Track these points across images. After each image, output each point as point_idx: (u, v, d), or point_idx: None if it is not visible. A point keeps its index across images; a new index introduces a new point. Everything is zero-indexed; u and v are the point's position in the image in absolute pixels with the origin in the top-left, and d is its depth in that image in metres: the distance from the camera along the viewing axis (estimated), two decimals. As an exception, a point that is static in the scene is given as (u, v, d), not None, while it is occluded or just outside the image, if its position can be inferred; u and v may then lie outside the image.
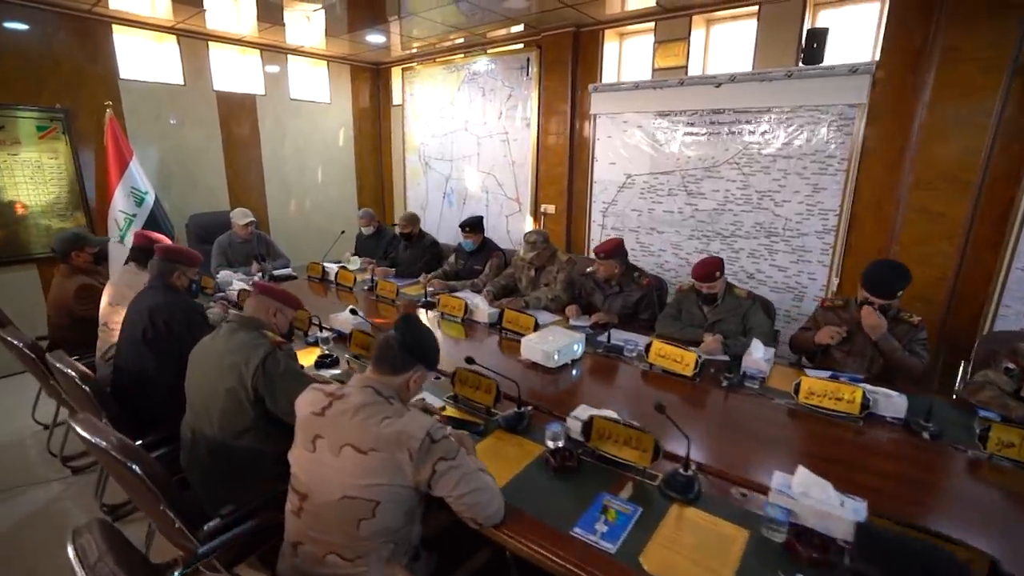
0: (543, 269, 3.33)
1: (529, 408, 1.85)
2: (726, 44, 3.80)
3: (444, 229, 5.46)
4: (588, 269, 3.25)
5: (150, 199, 4.08)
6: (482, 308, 2.89)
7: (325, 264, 3.87)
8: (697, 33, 3.78)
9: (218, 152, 4.72)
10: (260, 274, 3.76)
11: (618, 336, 2.58)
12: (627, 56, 4.29)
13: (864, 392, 1.84)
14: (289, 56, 5.07)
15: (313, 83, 5.41)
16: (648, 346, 2.32)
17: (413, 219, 4.03)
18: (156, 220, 4.09)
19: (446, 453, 1.23)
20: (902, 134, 3.03)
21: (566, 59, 4.25)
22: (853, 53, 3.29)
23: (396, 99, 5.81)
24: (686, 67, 3.81)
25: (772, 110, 3.42)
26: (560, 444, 1.64)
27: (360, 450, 1.21)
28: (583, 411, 1.75)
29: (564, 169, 4.47)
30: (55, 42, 3.75)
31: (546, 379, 2.22)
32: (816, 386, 1.93)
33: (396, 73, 5.75)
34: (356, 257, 4.29)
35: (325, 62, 5.37)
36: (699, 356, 2.20)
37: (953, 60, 2.75)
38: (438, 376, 2.16)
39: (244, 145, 4.89)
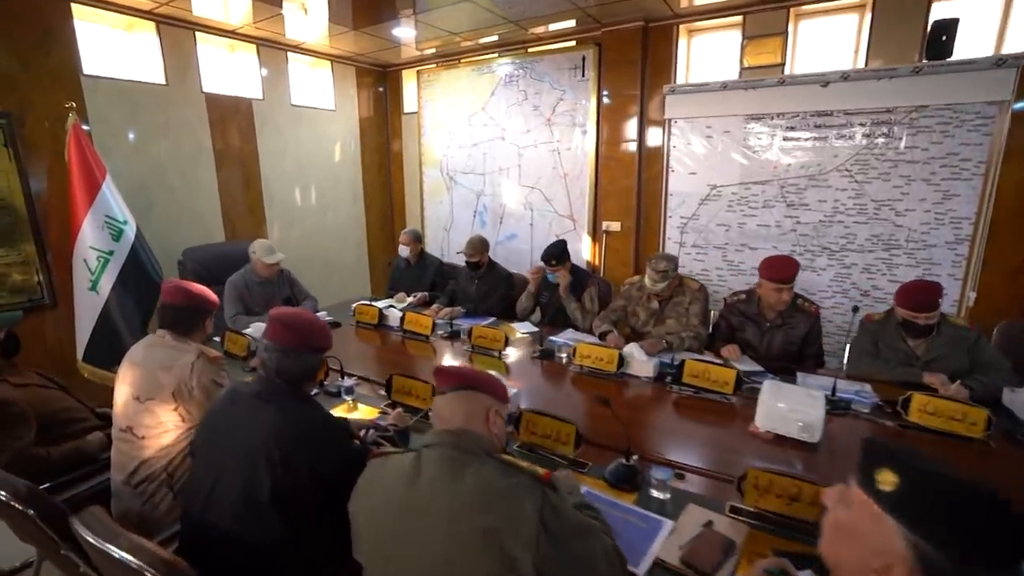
0: (669, 300, 2.77)
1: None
2: (818, 40, 3.46)
3: (475, 252, 4.77)
4: (731, 297, 2.73)
5: (131, 231, 3.11)
6: (639, 358, 2.27)
7: (381, 305, 3.09)
8: (786, 29, 3.42)
9: (209, 168, 3.79)
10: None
11: (817, 382, 2.07)
12: (696, 55, 3.87)
13: None
14: (289, 54, 4.24)
15: (316, 87, 4.58)
16: (906, 400, 1.82)
17: (483, 246, 3.34)
18: (139, 259, 3.12)
19: None
20: (1052, 133, 2.79)
21: (634, 57, 3.76)
22: (971, 47, 3.02)
23: (408, 106, 5.08)
24: (782, 65, 3.43)
25: (894, 110, 3.08)
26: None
27: None
28: None
29: (631, 181, 3.96)
30: (-9, 24, 2.76)
31: (806, 460, 1.65)
32: None
33: (408, 76, 5.03)
34: (402, 294, 3.52)
35: (329, 63, 4.56)
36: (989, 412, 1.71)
37: (1118, 52, 2.51)
38: (680, 474, 1.53)
39: (240, 160, 3.98)
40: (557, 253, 2.95)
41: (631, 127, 3.89)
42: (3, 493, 1.25)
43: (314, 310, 3.22)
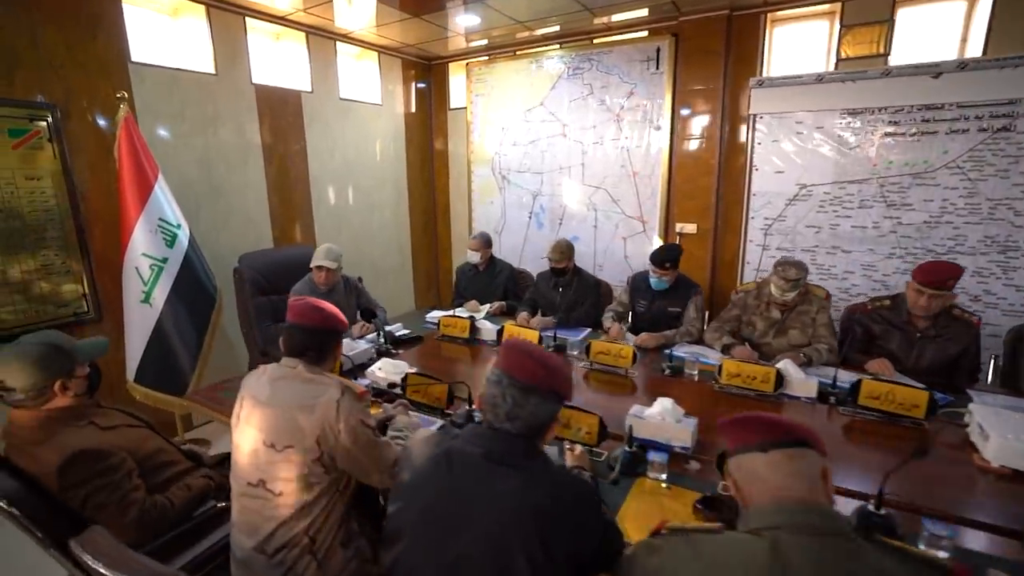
0: (792, 309, 2.52)
1: None
2: (919, 28, 3.23)
3: (529, 256, 4.51)
4: (872, 303, 2.47)
5: (184, 236, 2.80)
6: (796, 376, 2.02)
7: (472, 317, 2.80)
8: (887, 17, 3.19)
9: (257, 166, 3.47)
10: (377, 336, 2.63)
11: (1008, 403, 1.82)
12: (778, 46, 3.63)
13: None
14: (338, 43, 3.93)
15: (363, 79, 4.28)
16: None
17: (570, 250, 3.07)
18: (193, 267, 2.82)
19: None
20: None
21: (716, 49, 3.52)
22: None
23: (455, 101, 4.80)
24: (886, 56, 3.21)
25: (1017, 102, 2.87)
26: None
27: None
28: None
29: (710, 181, 3.72)
30: (33, 6, 2.43)
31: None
32: None
33: (455, 70, 4.75)
34: (475, 303, 3.23)
35: (376, 54, 4.27)
36: None
37: None
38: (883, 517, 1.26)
39: (289, 157, 3.67)
40: (675, 256, 2.71)
41: (711, 123, 3.64)
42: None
43: (384, 322, 2.93)
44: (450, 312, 2.93)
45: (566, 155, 4.21)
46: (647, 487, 1.46)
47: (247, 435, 1.36)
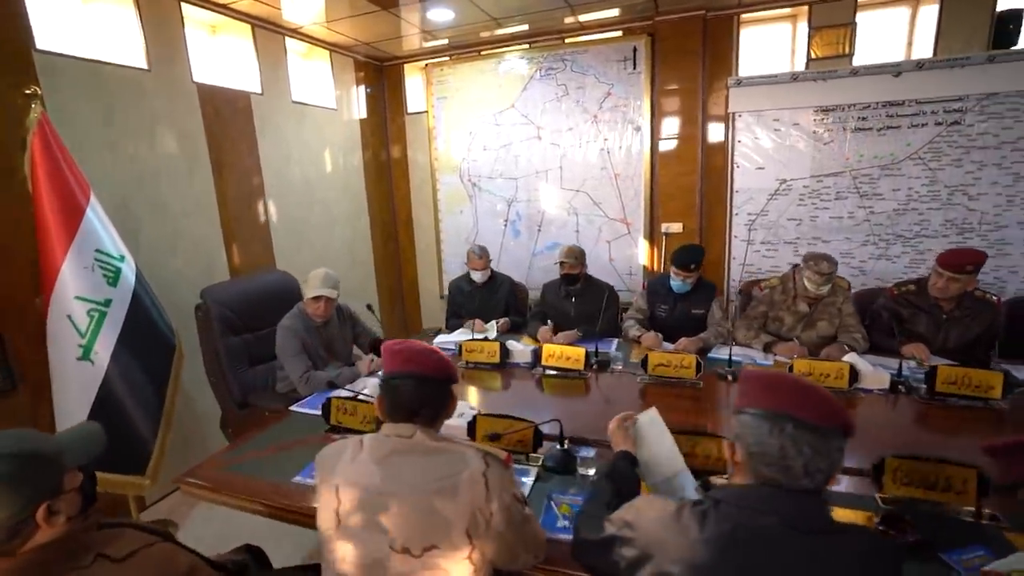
0: (818, 301, 2.54)
1: None
2: (875, 31, 3.48)
3: (507, 265, 4.24)
4: (898, 288, 2.54)
5: (130, 270, 2.22)
6: (865, 369, 1.99)
7: (487, 338, 2.50)
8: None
9: (206, 179, 2.90)
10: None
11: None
12: (746, 46, 3.73)
13: None
14: (287, 39, 3.44)
15: (315, 81, 3.79)
16: None
17: (583, 255, 2.88)
18: (144, 308, 2.24)
19: None
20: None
21: (693, 49, 3.54)
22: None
23: (414, 105, 4.43)
24: (850, 56, 3.40)
25: (965, 98, 3.16)
26: None
27: None
28: None
29: (694, 179, 3.73)
30: None
31: None
32: None
33: (411, 71, 4.39)
34: (479, 322, 2.93)
35: (328, 52, 3.80)
36: None
37: None
38: None
39: (241, 168, 3.12)
40: (699, 257, 2.62)
41: (691, 122, 3.66)
42: None
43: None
44: (466, 334, 2.61)
45: (542, 159, 4.04)
46: None
47: (363, 541, 0.99)
